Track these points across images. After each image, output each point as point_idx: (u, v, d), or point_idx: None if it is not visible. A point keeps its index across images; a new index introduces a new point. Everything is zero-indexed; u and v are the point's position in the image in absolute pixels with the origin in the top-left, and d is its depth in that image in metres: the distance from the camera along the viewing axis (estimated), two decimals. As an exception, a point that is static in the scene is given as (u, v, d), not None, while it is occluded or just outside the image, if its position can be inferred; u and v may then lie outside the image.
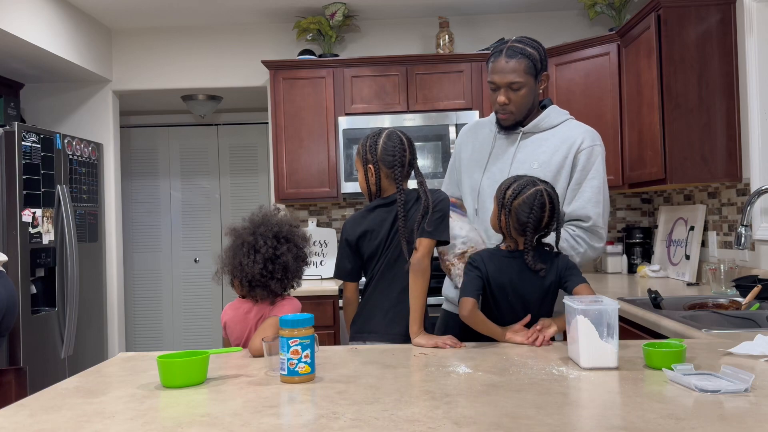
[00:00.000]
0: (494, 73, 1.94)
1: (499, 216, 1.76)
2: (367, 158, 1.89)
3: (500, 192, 1.78)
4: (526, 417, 1.09)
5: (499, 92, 1.95)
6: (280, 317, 1.43)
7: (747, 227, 2.47)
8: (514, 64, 1.91)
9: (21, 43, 3.55)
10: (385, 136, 1.90)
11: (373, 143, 1.89)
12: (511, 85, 1.92)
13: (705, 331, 1.83)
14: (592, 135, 2.00)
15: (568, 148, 1.97)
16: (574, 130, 2.00)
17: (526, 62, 1.91)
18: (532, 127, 2.01)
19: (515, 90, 1.93)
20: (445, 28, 4.11)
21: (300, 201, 4.05)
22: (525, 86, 1.93)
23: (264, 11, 4.22)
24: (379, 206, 1.90)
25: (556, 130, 2.01)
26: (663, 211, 3.80)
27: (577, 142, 1.97)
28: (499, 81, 1.93)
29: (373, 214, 1.91)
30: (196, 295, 5.47)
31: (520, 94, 1.94)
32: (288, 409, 1.21)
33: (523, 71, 1.91)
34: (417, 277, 1.79)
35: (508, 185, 1.77)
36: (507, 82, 1.92)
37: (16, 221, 3.46)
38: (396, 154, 1.86)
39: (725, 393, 1.19)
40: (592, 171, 1.96)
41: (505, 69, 1.91)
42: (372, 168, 1.88)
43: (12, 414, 1.21)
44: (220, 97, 4.96)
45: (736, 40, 2.97)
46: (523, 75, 1.91)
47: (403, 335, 1.84)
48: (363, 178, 1.93)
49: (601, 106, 3.66)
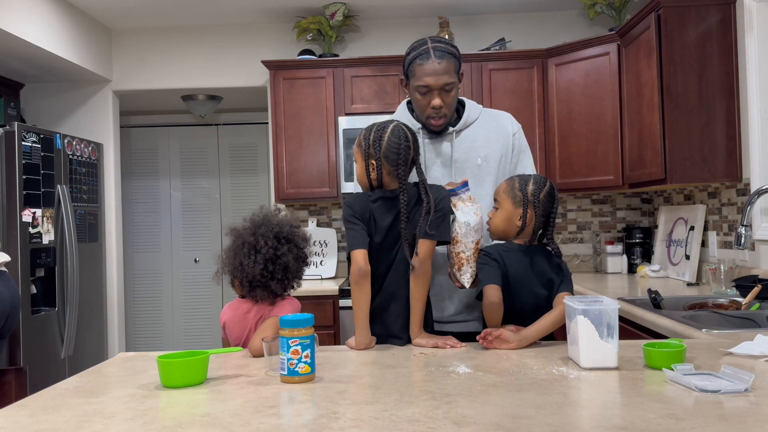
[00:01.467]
0: (426, 75, 1.85)
1: (524, 213, 1.78)
2: (370, 153, 1.81)
3: (519, 190, 1.80)
4: (526, 417, 1.09)
5: (432, 95, 1.87)
6: (280, 317, 1.43)
7: (747, 227, 2.47)
8: (446, 64, 1.84)
9: (21, 43, 3.55)
10: (390, 131, 1.82)
11: (378, 138, 1.81)
12: (445, 87, 1.86)
13: (705, 331, 1.83)
14: (512, 118, 2.08)
15: (503, 137, 2.00)
16: (497, 118, 2.04)
17: (455, 62, 1.87)
18: (462, 125, 1.99)
19: (448, 91, 1.87)
20: (445, 28, 4.11)
21: (300, 201, 4.05)
22: (455, 87, 1.89)
23: (264, 11, 4.22)
24: (382, 198, 1.83)
25: (478, 122, 2.02)
26: (663, 211, 3.80)
27: (507, 127, 2.02)
28: (434, 83, 1.85)
29: (376, 205, 1.83)
30: (196, 295, 5.47)
31: (451, 95, 1.89)
32: (288, 409, 1.21)
33: (453, 71, 1.87)
34: (419, 279, 1.78)
35: (524, 183, 1.80)
36: (442, 84, 1.85)
37: (16, 221, 3.46)
38: (401, 152, 1.79)
39: (725, 393, 1.19)
40: (525, 150, 2.05)
41: (438, 70, 1.84)
42: (374, 163, 1.80)
43: (12, 414, 1.21)
44: (220, 97, 4.96)
45: (736, 40, 2.97)
46: (453, 75, 1.87)
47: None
48: (363, 170, 1.85)
49: (601, 106, 3.65)
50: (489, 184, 1.96)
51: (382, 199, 1.82)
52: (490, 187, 1.96)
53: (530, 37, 4.30)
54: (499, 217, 1.83)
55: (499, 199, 1.83)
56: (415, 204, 1.83)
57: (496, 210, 1.84)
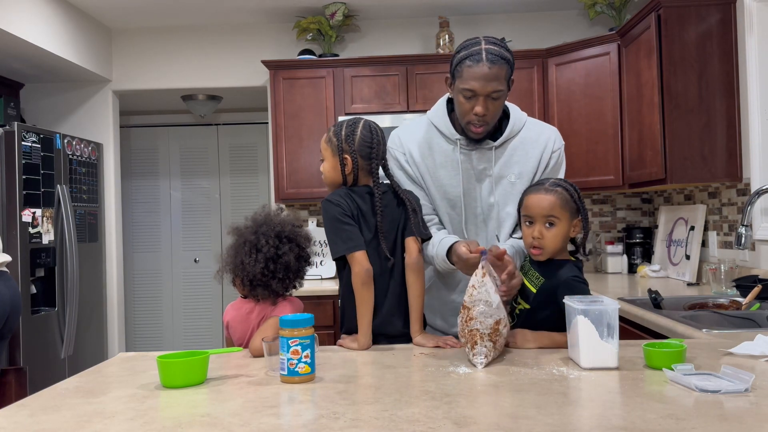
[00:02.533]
0: (474, 79, 1.74)
1: (584, 225, 1.70)
2: (344, 147, 1.78)
3: (574, 201, 1.68)
4: (526, 417, 1.09)
5: (476, 101, 1.76)
6: (280, 317, 1.43)
7: (747, 227, 2.47)
8: (496, 70, 1.73)
9: (21, 43, 3.55)
10: (362, 126, 1.79)
11: (350, 132, 1.78)
12: (492, 94, 1.75)
13: (705, 331, 1.83)
14: (558, 134, 1.97)
15: (540, 152, 1.90)
16: (542, 132, 1.93)
17: (507, 69, 1.75)
18: (504, 139, 1.88)
19: (495, 99, 1.76)
20: (445, 28, 4.11)
21: (300, 201, 4.05)
22: (503, 95, 1.78)
23: (264, 11, 4.22)
24: (369, 193, 1.81)
25: (519, 135, 1.92)
26: (663, 211, 3.80)
27: (550, 144, 1.91)
28: (480, 89, 1.74)
29: (363, 200, 1.79)
30: (196, 295, 5.47)
31: (498, 104, 1.78)
32: (288, 409, 1.21)
33: (504, 78, 1.75)
34: (417, 276, 1.78)
35: (575, 191, 1.69)
36: (489, 90, 1.74)
37: (16, 221, 3.46)
38: (374, 146, 1.78)
39: (725, 393, 1.19)
40: (560, 169, 1.95)
41: (488, 76, 1.73)
42: (349, 158, 1.78)
43: (12, 414, 1.21)
44: (220, 97, 4.96)
45: (736, 40, 2.96)
46: (503, 82, 1.76)
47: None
48: (334, 166, 1.80)
49: (601, 106, 3.65)
50: (516, 204, 1.85)
51: (369, 195, 1.80)
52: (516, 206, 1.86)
53: (530, 37, 4.30)
54: (558, 236, 1.67)
55: (558, 215, 1.66)
56: (389, 200, 1.82)
57: (550, 227, 1.66)
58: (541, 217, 1.66)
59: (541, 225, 1.67)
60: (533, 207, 1.68)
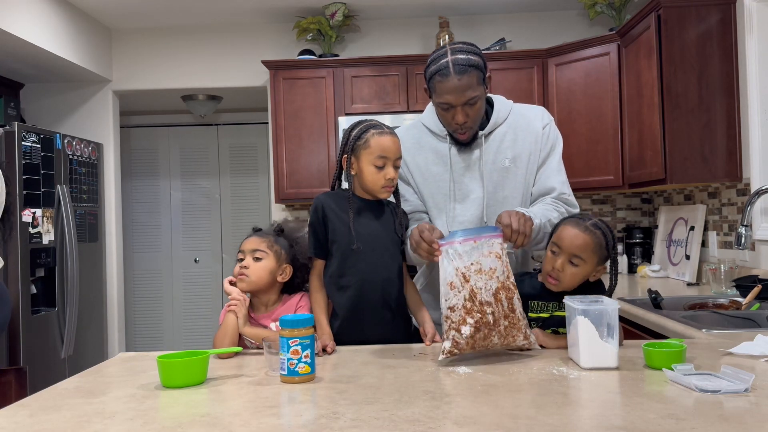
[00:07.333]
0: (447, 93, 1.75)
1: (613, 270, 1.69)
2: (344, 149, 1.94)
3: (606, 248, 1.64)
4: (526, 417, 1.09)
5: (455, 111, 1.78)
6: (280, 317, 1.44)
7: (747, 227, 2.47)
8: (467, 79, 1.73)
9: (21, 43, 3.55)
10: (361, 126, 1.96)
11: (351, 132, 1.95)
12: (468, 102, 1.76)
13: (705, 331, 1.83)
14: (544, 110, 1.97)
15: (532, 134, 1.91)
16: (527, 114, 1.94)
17: (477, 74, 1.75)
18: (491, 127, 1.90)
19: (472, 105, 1.78)
20: (445, 28, 4.11)
21: (300, 201, 4.05)
22: (480, 98, 1.79)
23: (264, 11, 4.22)
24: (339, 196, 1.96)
25: (507, 121, 1.93)
26: (663, 211, 3.80)
27: (536, 123, 1.92)
28: (455, 101, 1.76)
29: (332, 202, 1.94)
30: (196, 295, 5.47)
31: (476, 107, 1.80)
32: (288, 409, 1.21)
33: (477, 84, 1.76)
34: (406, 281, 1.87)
35: (611, 236, 1.66)
36: (464, 100, 1.76)
37: (16, 221, 3.46)
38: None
39: (725, 393, 1.19)
40: (555, 146, 1.95)
41: (459, 88, 1.73)
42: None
43: (12, 414, 1.21)
44: (220, 97, 4.96)
45: (736, 40, 2.96)
46: (477, 88, 1.76)
47: None
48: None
49: (601, 106, 3.66)
50: (515, 187, 1.88)
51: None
52: (518, 190, 1.88)
53: (530, 37, 4.30)
54: (578, 276, 1.64)
55: (586, 258, 1.62)
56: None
57: (574, 266, 1.63)
58: (569, 253, 1.63)
59: (566, 260, 1.63)
60: (565, 240, 1.63)
